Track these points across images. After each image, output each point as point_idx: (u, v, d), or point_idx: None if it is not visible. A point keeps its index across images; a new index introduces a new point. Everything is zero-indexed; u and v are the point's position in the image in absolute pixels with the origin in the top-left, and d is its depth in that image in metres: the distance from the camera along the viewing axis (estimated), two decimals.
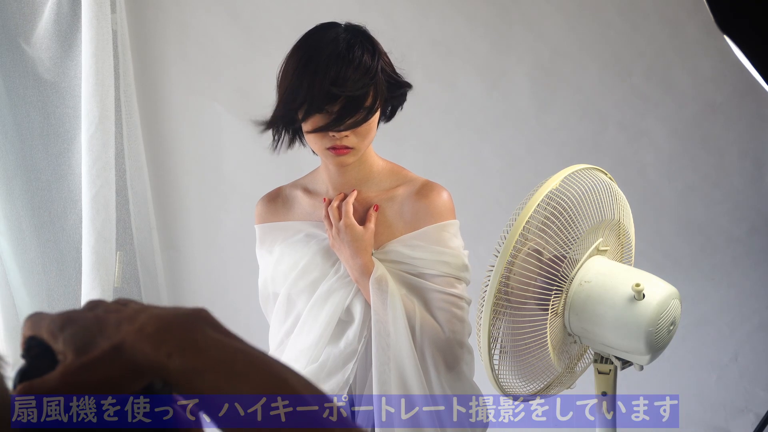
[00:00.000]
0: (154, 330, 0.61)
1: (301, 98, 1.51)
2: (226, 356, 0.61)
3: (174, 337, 0.61)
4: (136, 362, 0.60)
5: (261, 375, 0.62)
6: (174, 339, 0.61)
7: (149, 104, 3.06)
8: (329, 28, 1.57)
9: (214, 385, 0.60)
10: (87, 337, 0.62)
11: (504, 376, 1.63)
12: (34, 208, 2.64)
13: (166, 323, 0.62)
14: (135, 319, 0.62)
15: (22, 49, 2.60)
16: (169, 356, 0.60)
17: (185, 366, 0.60)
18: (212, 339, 0.62)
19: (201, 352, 0.61)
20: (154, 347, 0.60)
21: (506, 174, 3.26)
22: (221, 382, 0.60)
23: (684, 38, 3.24)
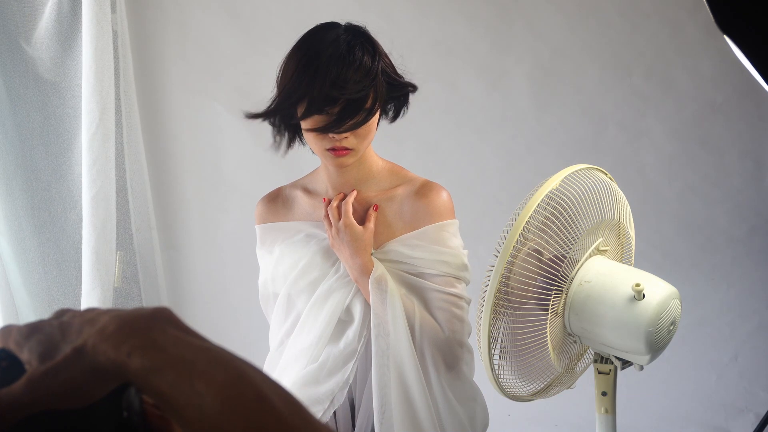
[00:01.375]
0: (114, 330, 0.61)
1: (300, 99, 1.51)
2: (187, 354, 0.60)
3: (134, 336, 0.61)
4: (97, 363, 0.60)
5: (223, 374, 0.60)
6: (134, 338, 0.60)
7: (149, 104, 3.06)
8: (330, 29, 1.57)
9: (175, 384, 0.59)
10: (51, 343, 0.62)
11: (504, 376, 1.63)
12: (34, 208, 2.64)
13: (125, 323, 0.61)
14: (96, 321, 0.62)
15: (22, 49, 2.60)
16: (129, 355, 0.59)
17: (145, 365, 0.59)
18: (173, 337, 0.61)
19: (160, 350, 0.60)
20: (115, 347, 0.60)
21: (506, 174, 3.27)
22: (182, 380, 0.59)
23: (684, 38, 3.25)
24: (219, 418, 0.58)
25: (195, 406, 0.59)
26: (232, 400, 0.59)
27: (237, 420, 0.58)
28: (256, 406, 0.59)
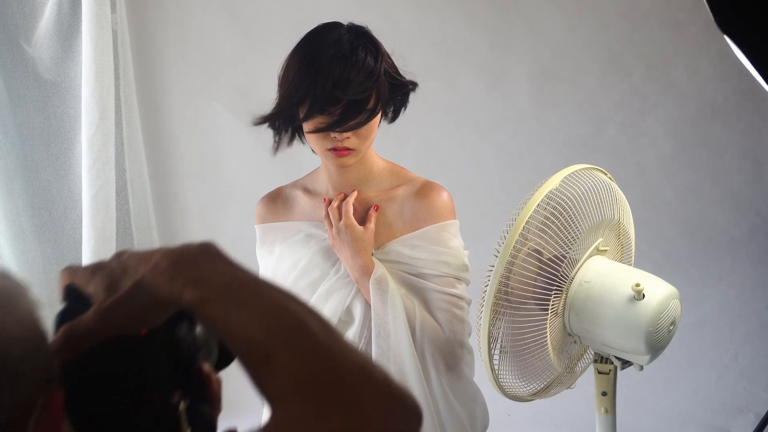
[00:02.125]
0: (167, 266, 0.69)
1: (301, 98, 1.51)
2: (233, 286, 0.68)
3: (185, 270, 0.69)
4: (155, 295, 0.69)
5: (266, 303, 0.68)
6: (185, 272, 0.69)
7: (149, 104, 3.06)
8: (332, 29, 1.57)
9: (223, 313, 0.67)
10: (113, 279, 0.72)
11: (504, 376, 1.63)
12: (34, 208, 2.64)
13: (177, 259, 0.70)
14: (150, 258, 0.71)
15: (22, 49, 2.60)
16: (182, 288, 0.68)
17: (196, 296, 0.68)
18: (219, 270, 0.69)
19: (209, 282, 0.68)
20: (169, 281, 0.69)
21: (506, 174, 3.27)
22: (230, 309, 0.67)
23: (684, 38, 3.25)
24: (264, 341, 0.66)
25: (242, 332, 0.66)
26: (274, 327, 0.66)
27: (280, 343, 0.65)
28: (296, 330, 0.66)
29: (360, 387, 0.64)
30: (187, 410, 0.74)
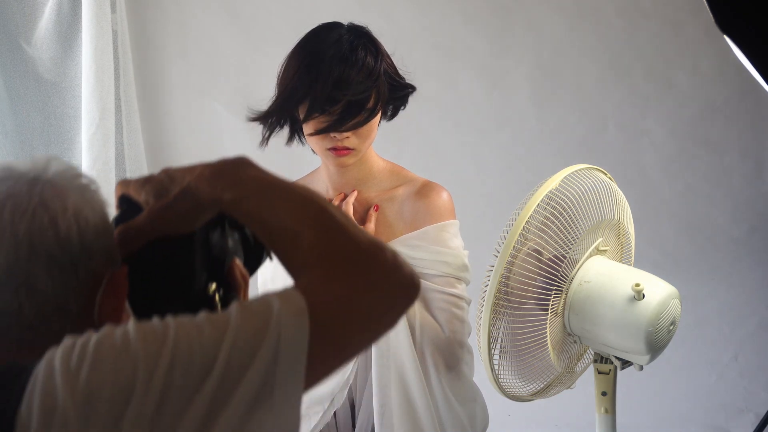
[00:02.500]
0: (210, 173, 0.84)
1: (301, 98, 1.51)
2: (266, 186, 0.83)
3: (224, 176, 0.83)
4: (200, 198, 0.83)
5: (295, 196, 0.82)
6: (225, 177, 0.83)
7: (149, 104, 3.06)
8: (332, 29, 1.57)
9: (259, 207, 0.82)
10: (162, 188, 0.86)
11: (504, 376, 1.63)
12: None
13: (217, 167, 0.84)
14: (194, 169, 0.85)
15: (22, 49, 2.60)
16: (223, 191, 0.82)
17: (235, 196, 0.82)
18: (254, 175, 0.83)
19: (245, 185, 0.82)
20: (211, 186, 0.83)
21: (506, 174, 3.26)
22: (264, 204, 0.82)
23: (684, 38, 3.24)
24: (293, 225, 0.80)
25: (275, 220, 0.81)
26: (301, 214, 0.81)
27: (306, 225, 0.80)
28: (319, 216, 0.81)
29: (372, 259, 0.79)
30: (221, 299, 0.89)
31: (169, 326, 0.73)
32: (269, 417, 0.73)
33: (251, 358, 0.73)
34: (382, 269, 0.79)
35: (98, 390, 0.69)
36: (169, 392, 0.70)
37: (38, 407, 0.69)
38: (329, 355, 0.77)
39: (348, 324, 0.78)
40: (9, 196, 0.78)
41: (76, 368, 0.70)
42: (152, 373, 0.70)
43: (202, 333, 0.73)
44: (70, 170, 0.83)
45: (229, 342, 0.73)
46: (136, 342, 0.71)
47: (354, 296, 0.78)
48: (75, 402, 0.69)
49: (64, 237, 0.78)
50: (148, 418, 0.69)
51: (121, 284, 0.83)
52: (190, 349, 0.72)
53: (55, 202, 0.78)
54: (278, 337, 0.74)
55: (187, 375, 0.71)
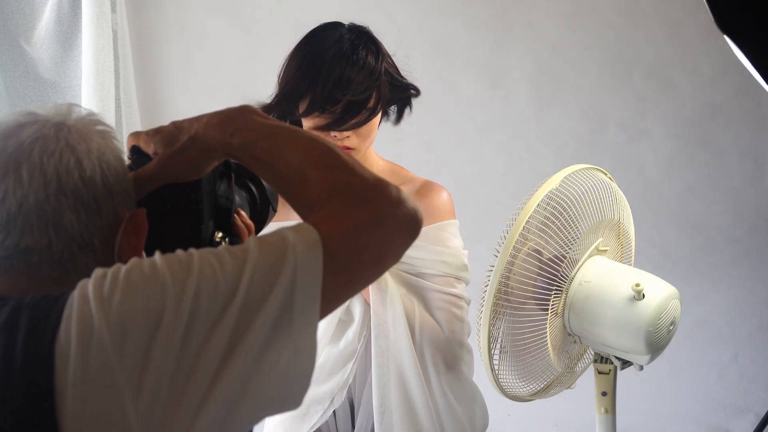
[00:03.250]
0: (217, 121, 0.88)
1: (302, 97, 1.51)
2: (273, 130, 0.87)
3: (232, 122, 0.87)
4: (208, 144, 0.87)
5: (301, 139, 0.86)
6: (232, 124, 0.87)
7: (149, 104, 3.06)
8: (333, 28, 1.57)
9: (267, 150, 0.86)
10: (171, 137, 0.89)
11: (504, 376, 1.63)
12: None
13: (224, 115, 0.88)
14: (201, 118, 0.89)
15: (22, 48, 2.60)
16: (231, 136, 0.86)
17: (243, 140, 0.86)
18: (260, 122, 0.87)
19: (252, 130, 0.87)
20: (220, 132, 0.87)
21: (506, 174, 3.26)
22: (272, 147, 0.86)
23: (684, 38, 3.24)
24: (301, 165, 0.85)
25: (283, 161, 0.85)
26: (309, 153, 0.85)
27: (314, 164, 0.84)
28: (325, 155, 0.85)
29: (378, 194, 0.83)
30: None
31: (193, 256, 0.77)
32: (288, 344, 0.77)
33: (270, 287, 0.76)
34: (388, 203, 0.83)
35: (130, 315, 0.72)
36: (196, 318, 0.73)
37: (75, 332, 0.72)
38: (341, 285, 0.81)
39: (357, 255, 0.81)
40: (37, 138, 0.81)
41: (108, 295, 0.73)
42: (180, 300, 0.73)
43: (223, 263, 0.76)
44: (91, 116, 0.87)
45: (249, 271, 0.76)
46: (163, 270, 0.75)
47: (362, 229, 0.81)
48: (109, 326, 0.71)
49: (89, 177, 0.82)
50: (177, 342, 0.72)
51: (141, 224, 0.87)
52: (214, 277, 0.75)
53: (80, 144, 0.82)
54: (294, 266, 0.77)
55: (211, 302, 0.74)
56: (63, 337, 0.72)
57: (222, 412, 0.74)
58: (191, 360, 0.73)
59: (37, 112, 0.85)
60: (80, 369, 0.71)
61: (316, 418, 1.63)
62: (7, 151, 0.81)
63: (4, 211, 0.80)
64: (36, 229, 0.80)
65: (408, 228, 0.86)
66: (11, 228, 0.80)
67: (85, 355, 0.71)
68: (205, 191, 0.91)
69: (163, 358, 0.72)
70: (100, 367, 0.71)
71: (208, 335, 0.74)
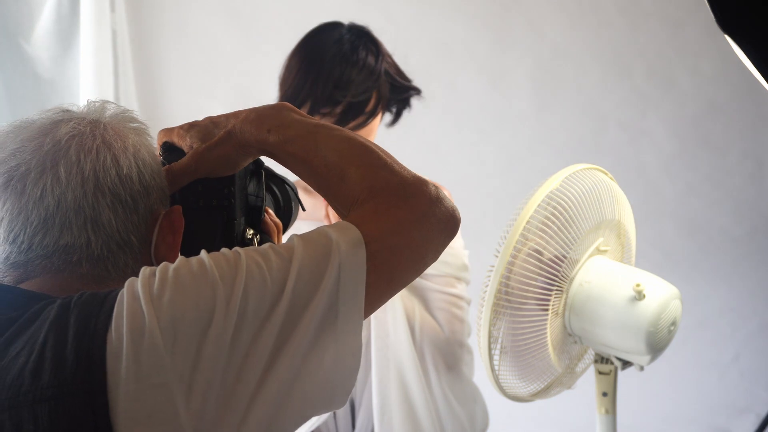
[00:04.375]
0: (255, 117, 0.87)
1: (303, 99, 1.51)
2: (310, 128, 0.86)
3: (269, 119, 0.87)
4: (244, 140, 0.87)
5: (338, 137, 0.85)
6: (269, 120, 0.86)
7: (148, 104, 3.06)
8: (333, 28, 1.57)
9: (304, 148, 0.85)
10: (206, 132, 0.90)
11: (504, 377, 1.63)
12: None
13: (261, 112, 0.88)
14: (239, 114, 0.89)
15: (21, 47, 2.60)
16: (268, 132, 0.86)
17: (281, 138, 0.86)
18: (298, 119, 0.87)
19: (290, 127, 0.86)
20: (257, 128, 0.86)
21: (506, 174, 3.26)
22: (309, 145, 0.85)
23: (684, 38, 3.24)
24: (339, 163, 0.84)
25: (321, 159, 0.84)
26: (347, 152, 0.85)
27: (353, 162, 0.84)
28: (364, 153, 0.85)
29: (417, 192, 0.83)
30: (259, 244, 0.93)
31: (240, 255, 0.76)
32: (333, 343, 0.77)
33: (316, 286, 0.76)
34: (428, 202, 0.83)
35: (181, 313, 0.72)
36: (245, 318, 0.73)
37: (127, 330, 0.71)
38: (383, 284, 0.81)
39: (399, 254, 0.82)
40: (73, 135, 0.81)
41: (158, 293, 0.73)
42: (229, 299, 0.73)
43: (270, 262, 0.76)
44: (125, 113, 0.87)
45: (296, 270, 0.76)
46: (212, 269, 0.75)
47: (403, 228, 0.82)
48: (161, 324, 0.71)
49: (125, 175, 0.82)
50: (227, 341, 0.72)
51: (177, 221, 0.87)
52: (261, 275, 0.75)
53: (117, 142, 0.83)
54: (339, 265, 0.77)
55: (259, 301, 0.74)
56: (114, 336, 0.71)
57: (270, 411, 0.74)
58: (240, 359, 0.73)
59: (71, 110, 0.85)
60: (132, 367, 0.70)
61: (316, 417, 1.63)
62: (44, 149, 0.80)
63: (42, 210, 0.79)
64: (75, 227, 0.80)
65: (446, 227, 0.85)
66: (49, 226, 0.80)
67: (137, 354, 0.71)
68: (237, 187, 0.91)
69: (214, 357, 0.72)
70: (152, 365, 0.71)
71: (256, 335, 0.74)
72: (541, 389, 1.70)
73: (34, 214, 0.79)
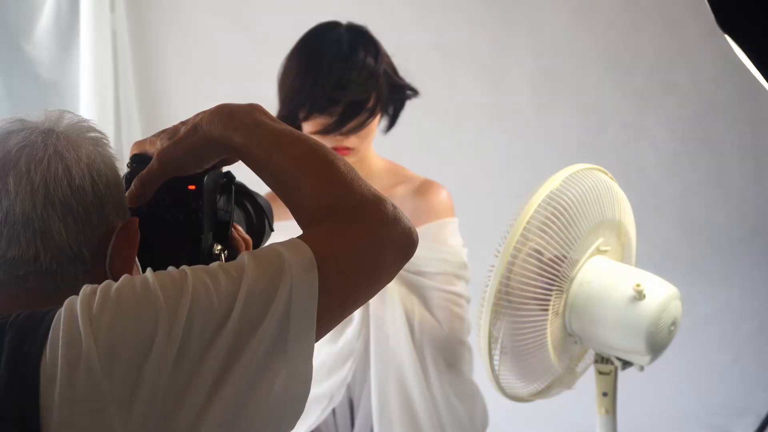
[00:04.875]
0: (224, 113, 0.84)
1: (303, 100, 1.51)
2: (276, 133, 0.84)
3: (238, 118, 0.84)
4: (210, 135, 0.84)
5: (301, 146, 0.84)
6: (238, 120, 0.84)
7: (148, 104, 3.06)
8: (331, 28, 1.57)
9: (267, 152, 0.83)
10: (174, 131, 0.87)
11: (504, 377, 1.63)
12: None
13: (233, 109, 0.85)
14: (206, 111, 0.86)
15: (21, 48, 2.60)
16: (235, 130, 0.83)
17: (245, 138, 0.83)
18: (266, 122, 0.84)
19: (257, 128, 0.84)
20: (224, 125, 0.84)
21: (506, 174, 3.26)
22: (273, 150, 0.83)
23: (684, 38, 3.24)
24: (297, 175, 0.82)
25: (281, 167, 0.83)
26: (309, 162, 0.83)
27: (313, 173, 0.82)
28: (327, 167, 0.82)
29: (374, 213, 0.81)
30: (226, 259, 0.91)
31: (187, 275, 0.74)
32: (283, 367, 0.75)
33: (266, 308, 0.74)
34: (384, 223, 0.82)
35: (121, 336, 0.70)
36: (189, 339, 0.71)
37: (63, 353, 0.69)
38: (335, 307, 0.80)
39: (352, 277, 0.80)
40: (24, 146, 0.79)
41: (97, 314, 0.71)
42: (173, 320, 0.71)
43: (218, 282, 0.74)
44: (82, 122, 0.85)
45: (245, 291, 0.74)
46: (156, 289, 0.73)
47: (358, 250, 0.80)
48: (99, 348, 0.69)
49: (78, 186, 0.79)
50: (169, 364, 0.70)
51: (133, 234, 0.84)
52: (207, 297, 0.73)
53: (69, 152, 0.80)
54: (290, 288, 0.75)
55: (205, 323, 0.72)
56: (49, 359, 0.69)
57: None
58: (183, 382, 0.71)
59: (26, 119, 0.82)
60: (67, 391, 0.68)
61: (315, 417, 1.63)
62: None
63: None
64: (23, 240, 0.77)
65: (402, 249, 0.84)
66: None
67: (72, 377, 0.68)
68: (206, 201, 0.90)
69: (154, 381, 0.70)
70: (88, 390, 0.68)
71: (200, 358, 0.72)
72: (541, 389, 1.70)
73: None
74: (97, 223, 0.81)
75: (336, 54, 1.51)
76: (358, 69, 1.51)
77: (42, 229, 0.78)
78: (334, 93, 1.49)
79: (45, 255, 0.78)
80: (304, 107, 1.52)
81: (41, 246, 0.78)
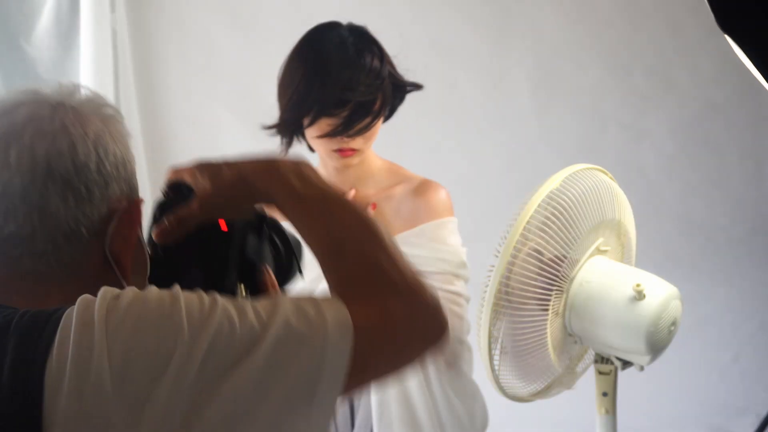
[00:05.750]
0: (271, 168, 0.84)
1: (311, 104, 1.51)
2: (324, 193, 0.83)
3: (285, 173, 0.83)
4: (254, 188, 0.83)
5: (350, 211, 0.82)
6: (285, 175, 0.83)
7: (149, 104, 3.06)
8: (332, 29, 1.57)
9: (311, 212, 0.82)
10: (218, 173, 0.84)
11: (504, 377, 1.63)
12: None
13: (279, 164, 0.84)
14: (253, 161, 0.85)
15: (22, 48, 2.60)
16: (281, 186, 0.82)
17: (292, 194, 0.82)
18: (313, 180, 0.83)
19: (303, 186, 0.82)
20: (269, 179, 0.83)
21: (506, 174, 3.26)
22: (317, 209, 0.81)
23: (684, 38, 3.24)
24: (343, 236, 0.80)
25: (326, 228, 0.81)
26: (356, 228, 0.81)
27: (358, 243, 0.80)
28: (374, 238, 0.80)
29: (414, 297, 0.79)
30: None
31: (217, 304, 0.72)
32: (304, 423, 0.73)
33: (292, 359, 0.71)
34: (422, 309, 0.80)
35: (137, 355, 0.68)
36: (205, 370, 0.69)
37: (72, 362, 0.67)
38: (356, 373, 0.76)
39: (378, 353, 0.77)
40: (32, 119, 0.77)
41: (117, 326, 0.68)
42: (191, 348, 0.68)
43: (245, 318, 0.71)
44: (96, 98, 0.83)
45: (275, 335, 0.71)
46: (181, 311, 0.70)
47: (391, 328, 0.77)
48: (111, 363, 0.67)
49: (82, 163, 0.77)
50: (184, 390, 0.68)
51: (136, 214, 0.82)
52: (231, 332, 0.70)
53: (76, 128, 0.78)
54: (324, 343, 0.73)
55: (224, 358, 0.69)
56: (55, 366, 0.67)
57: None
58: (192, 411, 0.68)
59: (39, 91, 0.80)
60: (74, 404, 0.66)
61: None
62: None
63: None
64: (20, 215, 0.75)
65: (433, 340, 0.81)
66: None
67: (81, 390, 0.66)
68: (235, 240, 0.88)
69: (164, 406, 0.67)
70: (96, 405, 0.66)
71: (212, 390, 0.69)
72: (541, 389, 1.70)
73: None
74: (99, 202, 0.78)
75: (342, 57, 1.51)
76: (366, 71, 1.51)
77: (40, 204, 0.75)
78: (343, 94, 1.49)
79: (41, 234, 0.76)
80: (311, 111, 1.52)
81: (38, 224, 0.76)
